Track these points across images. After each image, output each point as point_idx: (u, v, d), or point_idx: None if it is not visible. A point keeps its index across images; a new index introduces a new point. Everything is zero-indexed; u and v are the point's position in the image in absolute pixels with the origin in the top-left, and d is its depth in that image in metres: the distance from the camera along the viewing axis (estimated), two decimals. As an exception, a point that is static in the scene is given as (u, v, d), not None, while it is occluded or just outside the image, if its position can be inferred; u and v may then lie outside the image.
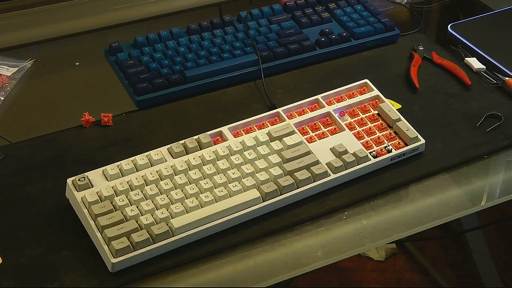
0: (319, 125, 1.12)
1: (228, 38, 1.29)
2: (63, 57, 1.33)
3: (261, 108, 1.18)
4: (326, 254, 0.97)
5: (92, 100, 1.21)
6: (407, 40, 1.36)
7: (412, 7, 1.48)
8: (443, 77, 1.27)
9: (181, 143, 1.06)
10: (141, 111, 1.18)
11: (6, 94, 1.21)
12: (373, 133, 1.11)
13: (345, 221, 1.02)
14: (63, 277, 0.92)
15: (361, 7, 1.39)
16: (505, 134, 1.15)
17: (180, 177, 1.01)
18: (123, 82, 1.22)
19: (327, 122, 1.13)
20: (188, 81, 1.21)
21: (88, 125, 1.14)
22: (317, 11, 1.37)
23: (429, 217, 1.03)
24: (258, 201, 1.00)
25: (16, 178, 1.05)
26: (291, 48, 1.27)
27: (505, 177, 1.11)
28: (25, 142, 1.12)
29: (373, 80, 1.19)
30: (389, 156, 1.08)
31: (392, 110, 1.13)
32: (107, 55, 1.27)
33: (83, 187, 0.99)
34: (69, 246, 0.96)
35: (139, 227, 0.95)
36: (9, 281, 0.91)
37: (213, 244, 0.97)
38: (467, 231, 1.84)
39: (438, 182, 1.08)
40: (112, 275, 0.92)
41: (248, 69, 1.24)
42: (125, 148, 1.10)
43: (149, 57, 1.24)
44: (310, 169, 1.04)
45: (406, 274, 1.98)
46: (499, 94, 1.23)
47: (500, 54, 1.31)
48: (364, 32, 1.32)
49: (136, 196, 0.98)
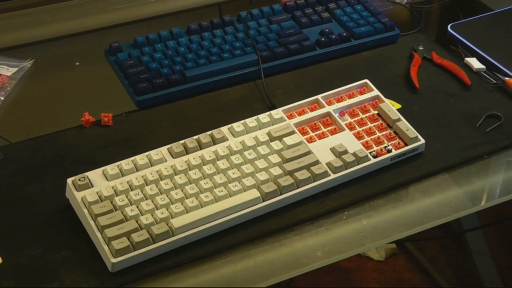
0: (319, 125, 1.12)
1: (228, 38, 1.29)
2: (63, 57, 1.33)
3: (261, 108, 1.18)
4: (326, 254, 0.97)
5: (92, 100, 1.21)
6: (407, 40, 1.36)
7: (412, 7, 1.48)
8: (443, 77, 1.27)
9: (181, 143, 1.06)
10: (141, 111, 1.18)
11: (6, 94, 1.21)
12: (373, 133, 1.11)
13: (345, 221, 1.02)
14: (63, 277, 0.92)
15: (361, 7, 1.39)
16: (505, 134, 1.15)
17: (180, 177, 1.01)
18: (123, 82, 1.22)
19: (327, 122, 1.13)
20: (188, 81, 1.21)
21: (88, 125, 1.14)
22: (317, 11, 1.37)
23: (429, 217, 1.03)
24: (258, 201, 1.00)
25: (16, 178, 1.05)
26: (291, 48, 1.27)
27: (505, 177, 1.11)
28: (25, 142, 1.12)
29: (373, 80, 1.19)
30: (389, 156, 1.08)
31: (392, 110, 1.13)
32: (107, 55, 1.27)
33: (83, 187, 0.99)
34: (69, 246, 0.96)
35: (139, 227, 0.95)
36: (9, 281, 0.91)
37: (213, 244, 0.97)
38: (467, 231, 1.84)
39: (438, 182, 1.08)
40: (112, 275, 0.92)
41: (248, 69, 1.24)
42: (125, 148, 1.10)
43: (149, 57, 1.24)
44: (310, 169, 1.04)
45: (406, 274, 1.98)
46: (499, 94, 1.23)
47: (500, 54, 1.31)
48: (364, 32, 1.32)
49: (136, 196, 0.98)
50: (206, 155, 1.04)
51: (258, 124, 1.10)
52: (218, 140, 1.07)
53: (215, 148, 1.06)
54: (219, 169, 1.03)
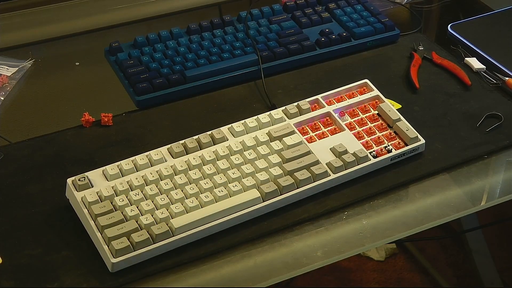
0: (319, 125, 1.12)
1: (228, 38, 1.29)
2: (63, 57, 1.33)
3: (261, 108, 1.18)
4: (326, 254, 0.97)
5: (92, 100, 1.21)
6: (407, 40, 1.36)
7: (412, 7, 1.48)
8: (443, 77, 1.27)
9: (181, 143, 1.06)
10: (141, 111, 1.18)
11: (6, 94, 1.21)
12: (373, 133, 1.11)
13: (345, 221, 1.02)
14: (63, 277, 0.92)
15: (361, 7, 1.38)
16: (505, 134, 1.15)
17: (180, 177, 1.01)
18: (123, 82, 1.22)
19: (327, 122, 1.13)
20: (188, 81, 1.21)
21: (88, 125, 1.14)
22: (317, 11, 1.37)
23: (429, 217, 1.03)
24: (258, 201, 1.00)
25: (16, 178, 1.05)
26: (291, 48, 1.27)
27: (505, 177, 1.11)
28: (25, 142, 1.12)
29: (373, 80, 1.19)
30: (389, 156, 1.08)
31: (392, 110, 1.13)
32: (107, 55, 1.27)
33: (83, 187, 0.99)
34: (69, 246, 0.96)
35: (139, 227, 0.95)
36: (9, 281, 0.91)
37: (213, 244, 0.97)
38: (467, 231, 1.84)
39: (438, 182, 1.08)
40: (112, 275, 0.92)
41: (248, 69, 1.24)
42: (125, 148, 1.10)
43: (149, 57, 1.24)
44: (310, 169, 1.04)
45: (406, 274, 1.98)
46: (499, 94, 1.23)
47: (500, 54, 1.31)
48: (364, 32, 1.32)
49: (136, 196, 0.98)
50: (206, 155, 1.04)
51: (258, 124, 1.10)
52: (218, 140, 1.07)
53: (215, 148, 1.06)
54: (219, 169, 1.03)
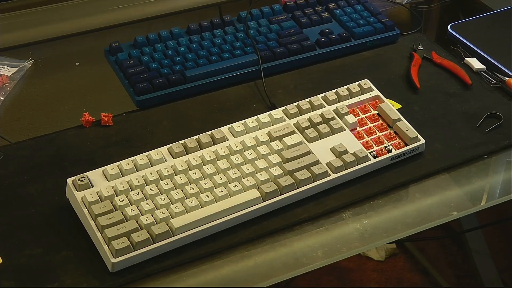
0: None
1: (228, 38, 1.29)
2: (63, 57, 1.33)
3: (261, 108, 1.18)
4: (326, 254, 0.97)
5: (92, 100, 1.21)
6: (407, 40, 1.36)
7: (412, 7, 1.48)
8: (443, 77, 1.27)
9: (181, 143, 1.06)
10: (141, 111, 1.18)
11: (6, 94, 1.21)
12: (373, 133, 1.11)
13: (345, 221, 1.02)
14: (63, 277, 0.92)
15: (361, 7, 1.39)
16: (505, 134, 1.15)
17: (180, 177, 1.01)
18: (123, 82, 1.22)
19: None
20: (188, 81, 1.21)
21: (88, 125, 1.14)
22: (317, 11, 1.37)
23: (429, 217, 1.03)
24: (258, 201, 1.00)
25: (16, 178, 1.05)
26: (291, 48, 1.27)
27: (505, 177, 1.11)
28: (25, 142, 1.12)
29: (373, 80, 1.19)
30: (389, 156, 1.08)
31: (392, 110, 1.13)
32: (107, 55, 1.27)
33: (83, 187, 0.99)
34: (69, 246, 0.96)
35: (139, 227, 0.95)
36: (9, 281, 0.91)
37: (213, 244, 0.97)
38: (467, 231, 1.84)
39: (438, 182, 1.08)
40: (112, 275, 0.92)
41: (248, 69, 1.24)
42: (125, 148, 1.10)
43: (149, 57, 1.24)
44: (310, 169, 1.04)
45: (406, 274, 1.98)
46: (499, 94, 1.23)
47: (500, 54, 1.31)
48: (364, 32, 1.32)
49: (136, 196, 0.98)
50: (206, 155, 1.04)
51: (258, 124, 1.10)
52: (218, 140, 1.07)
53: (215, 148, 1.06)
54: (219, 169, 1.03)
